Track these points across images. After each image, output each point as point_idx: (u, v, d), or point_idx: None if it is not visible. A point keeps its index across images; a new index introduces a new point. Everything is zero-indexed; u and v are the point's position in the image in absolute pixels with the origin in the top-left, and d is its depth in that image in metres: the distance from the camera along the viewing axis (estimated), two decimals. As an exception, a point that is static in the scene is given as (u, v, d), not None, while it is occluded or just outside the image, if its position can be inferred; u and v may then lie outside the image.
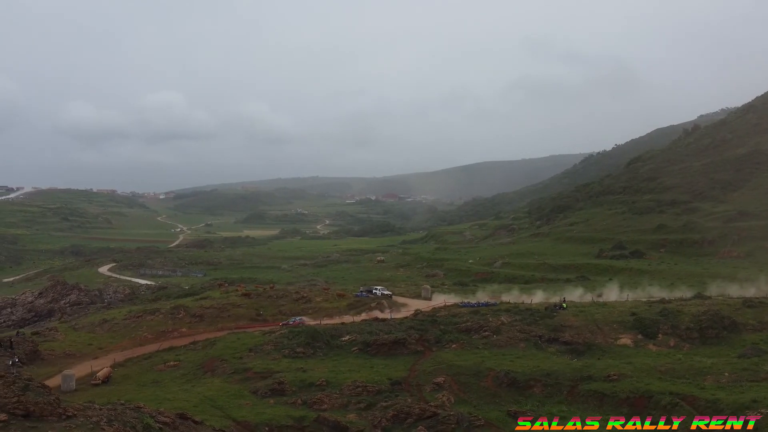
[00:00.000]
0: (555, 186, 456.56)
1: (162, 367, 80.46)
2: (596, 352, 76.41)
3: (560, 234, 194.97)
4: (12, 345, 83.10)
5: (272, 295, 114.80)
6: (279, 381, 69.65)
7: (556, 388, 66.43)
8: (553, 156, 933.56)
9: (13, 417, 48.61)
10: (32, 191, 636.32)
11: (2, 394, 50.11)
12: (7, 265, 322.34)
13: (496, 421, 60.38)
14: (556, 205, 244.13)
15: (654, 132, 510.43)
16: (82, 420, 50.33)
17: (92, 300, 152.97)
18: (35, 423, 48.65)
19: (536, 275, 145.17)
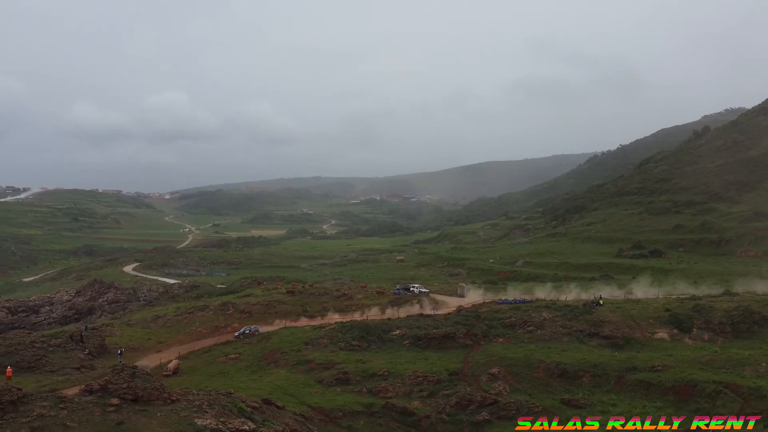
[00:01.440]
0: (561, 186, 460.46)
1: (224, 360, 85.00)
2: (635, 346, 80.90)
3: (578, 234, 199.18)
4: (83, 339, 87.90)
5: (314, 293, 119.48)
6: (343, 371, 74.36)
7: (603, 379, 71.14)
8: (555, 156, 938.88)
9: (123, 401, 53.48)
10: (41, 192, 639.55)
11: (113, 380, 54.99)
12: (24, 265, 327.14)
13: (551, 408, 65.10)
14: (570, 206, 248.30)
15: (659, 132, 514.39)
16: (185, 404, 55.19)
17: (128, 298, 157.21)
18: (144, 406, 53.52)
19: (559, 274, 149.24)
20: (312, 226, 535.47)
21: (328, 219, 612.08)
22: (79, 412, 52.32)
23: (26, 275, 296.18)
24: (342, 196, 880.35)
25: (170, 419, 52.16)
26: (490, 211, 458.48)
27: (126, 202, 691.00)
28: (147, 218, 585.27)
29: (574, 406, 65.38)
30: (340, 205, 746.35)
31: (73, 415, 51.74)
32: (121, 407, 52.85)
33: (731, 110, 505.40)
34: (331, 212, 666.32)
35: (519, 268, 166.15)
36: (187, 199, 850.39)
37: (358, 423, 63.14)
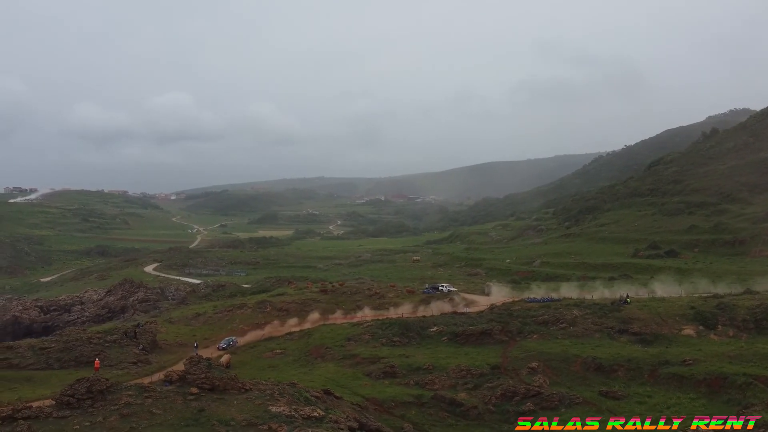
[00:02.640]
0: (567, 186, 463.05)
1: (270, 355, 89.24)
2: (663, 342, 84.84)
3: (592, 234, 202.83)
4: (136, 335, 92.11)
5: (346, 292, 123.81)
6: (390, 365, 78.58)
7: (637, 372, 75.17)
8: (559, 156, 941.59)
9: (202, 390, 57.73)
10: (49, 192, 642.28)
11: (192, 371, 59.31)
12: (39, 266, 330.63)
13: (590, 399, 69.17)
14: (583, 207, 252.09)
15: (664, 133, 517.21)
16: (258, 393, 59.55)
17: (157, 297, 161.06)
18: (221, 395, 57.87)
19: (577, 274, 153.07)
20: (318, 227, 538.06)
21: (334, 219, 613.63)
22: (162, 400, 56.65)
23: (42, 275, 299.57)
24: (347, 197, 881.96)
25: (247, 407, 56.36)
26: (497, 212, 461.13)
27: (133, 202, 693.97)
28: (155, 219, 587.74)
29: (612, 398, 69.29)
30: (345, 206, 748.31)
31: (157, 403, 56.05)
32: (200, 396, 57.19)
33: (736, 111, 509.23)
34: (336, 213, 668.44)
35: (537, 268, 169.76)
36: (193, 200, 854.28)
37: (410, 412, 67.11)
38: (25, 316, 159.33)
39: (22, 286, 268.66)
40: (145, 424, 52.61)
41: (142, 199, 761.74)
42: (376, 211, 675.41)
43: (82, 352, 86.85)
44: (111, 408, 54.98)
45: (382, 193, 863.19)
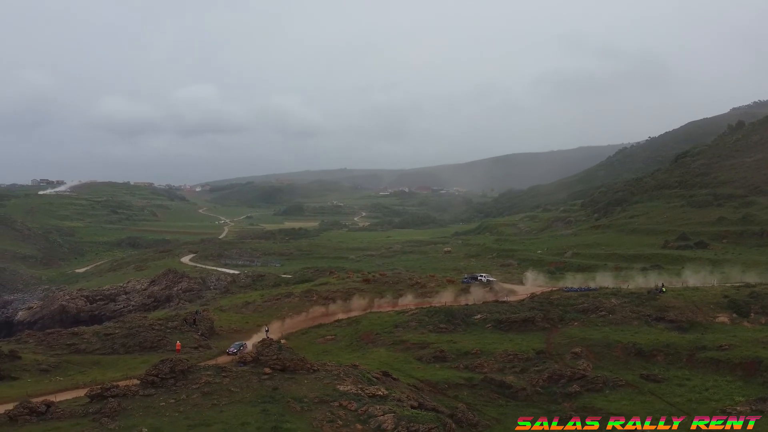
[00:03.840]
0: (592, 178, 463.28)
1: (322, 341, 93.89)
2: (699, 329, 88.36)
3: (622, 226, 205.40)
4: (195, 322, 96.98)
5: (388, 281, 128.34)
6: (440, 350, 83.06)
7: (676, 357, 79.08)
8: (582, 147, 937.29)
9: (274, 371, 62.29)
10: (78, 184, 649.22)
11: (264, 353, 63.98)
12: (72, 257, 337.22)
13: (632, 381, 73.13)
14: (611, 199, 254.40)
15: (689, 125, 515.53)
16: (325, 373, 64.17)
17: (200, 287, 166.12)
18: (292, 375, 62.55)
19: (609, 264, 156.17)
20: (344, 218, 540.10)
21: (359, 211, 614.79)
22: (239, 379, 61.42)
23: (76, 266, 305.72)
24: (371, 188, 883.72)
25: (316, 386, 60.94)
26: (522, 203, 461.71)
27: (160, 194, 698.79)
28: (182, 210, 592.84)
29: (653, 381, 73.25)
30: (369, 197, 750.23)
31: (234, 382, 60.83)
32: (273, 375, 61.94)
33: (760, 103, 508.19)
34: (361, 204, 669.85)
35: (569, 259, 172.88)
36: (219, 192, 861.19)
37: (462, 393, 71.38)
38: (72, 305, 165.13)
39: (58, 276, 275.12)
40: (225, 401, 57.35)
41: (169, 191, 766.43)
42: (400, 203, 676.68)
43: (146, 337, 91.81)
44: (192, 386, 59.81)
45: (406, 185, 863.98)
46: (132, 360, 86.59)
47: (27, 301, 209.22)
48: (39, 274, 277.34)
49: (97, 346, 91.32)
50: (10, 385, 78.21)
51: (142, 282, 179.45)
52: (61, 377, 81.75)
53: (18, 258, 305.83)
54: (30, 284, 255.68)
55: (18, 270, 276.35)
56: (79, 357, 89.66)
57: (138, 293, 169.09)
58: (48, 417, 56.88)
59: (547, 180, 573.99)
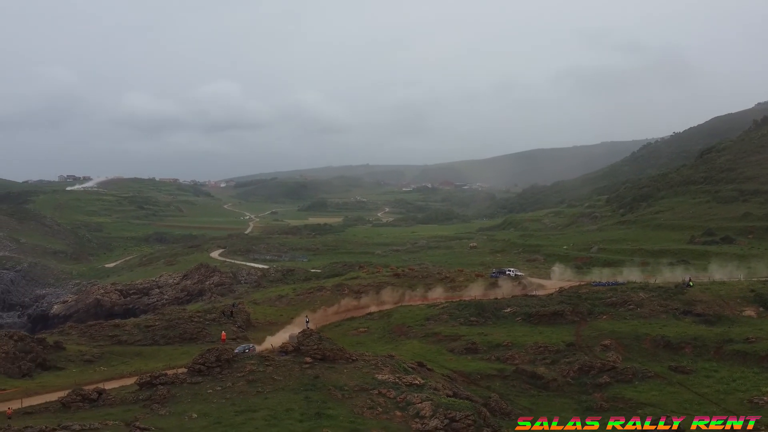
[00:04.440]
0: (616, 174, 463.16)
1: (355, 333, 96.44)
2: (726, 322, 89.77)
3: (648, 222, 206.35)
4: (233, 314, 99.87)
5: (418, 275, 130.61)
6: (471, 342, 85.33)
7: (703, 349, 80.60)
8: (605, 143, 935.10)
9: (314, 360, 64.82)
10: (104, 180, 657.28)
11: (305, 343, 66.54)
12: (101, 252, 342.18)
13: (661, 373, 74.85)
14: (637, 194, 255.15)
15: (713, 120, 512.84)
16: (363, 363, 66.58)
17: (231, 281, 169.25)
18: (331, 364, 65.02)
19: (635, 259, 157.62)
20: (367, 214, 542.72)
21: (382, 207, 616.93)
22: (281, 368, 64.02)
23: (105, 261, 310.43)
24: (393, 184, 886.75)
25: (355, 374, 63.37)
26: (545, 199, 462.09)
27: (185, 190, 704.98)
28: (207, 206, 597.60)
29: (681, 372, 74.84)
30: (392, 193, 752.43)
31: (278, 370, 63.43)
32: (314, 365, 64.51)
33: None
34: (384, 200, 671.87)
35: (595, 254, 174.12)
36: (243, 188, 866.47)
37: (494, 384, 73.45)
38: (107, 299, 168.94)
39: (88, 271, 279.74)
40: (269, 389, 59.94)
41: (194, 187, 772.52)
42: (423, 199, 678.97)
43: (186, 329, 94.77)
44: (237, 375, 62.53)
45: (429, 181, 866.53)
46: (173, 351, 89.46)
47: (60, 296, 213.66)
48: (69, 269, 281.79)
49: (138, 338, 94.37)
50: (56, 374, 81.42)
51: (174, 276, 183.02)
52: (105, 367, 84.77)
53: (48, 253, 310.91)
54: (61, 279, 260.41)
55: (49, 265, 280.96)
56: (121, 348, 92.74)
57: (171, 287, 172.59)
58: (100, 404, 59.78)
59: (571, 176, 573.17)
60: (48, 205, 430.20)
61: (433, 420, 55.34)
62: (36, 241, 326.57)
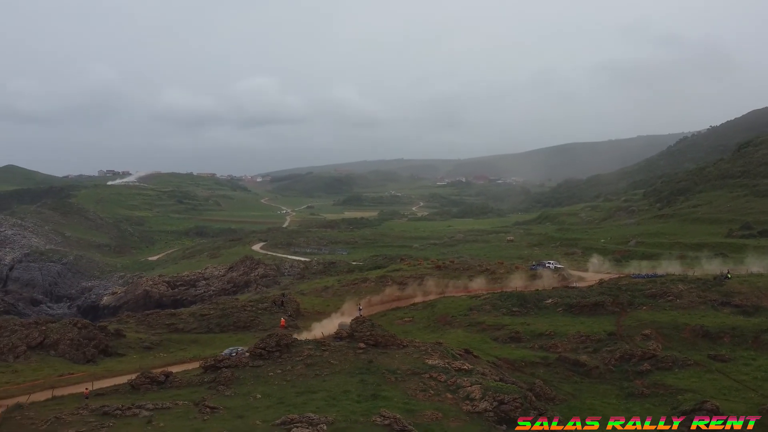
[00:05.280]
0: (653, 168, 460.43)
1: (400, 322, 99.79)
2: (763, 313, 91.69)
3: (685, 215, 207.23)
4: (283, 304, 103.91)
5: (459, 267, 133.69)
6: (515, 331, 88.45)
7: (742, 339, 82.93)
8: (641, 136, 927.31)
9: (368, 345, 68.26)
10: (144, 175, 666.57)
11: (359, 329, 70.03)
12: (143, 245, 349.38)
13: (700, 361, 77.32)
14: (674, 188, 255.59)
15: (750, 114, 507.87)
16: (413, 348, 70.04)
17: (275, 273, 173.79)
18: (384, 350, 68.53)
19: (673, 253, 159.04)
20: (402, 208, 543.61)
21: (417, 201, 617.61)
22: (337, 352, 67.68)
23: (148, 254, 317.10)
24: (428, 179, 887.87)
25: (407, 359, 66.83)
26: (581, 193, 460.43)
27: (223, 184, 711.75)
28: (244, 200, 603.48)
29: (720, 360, 77.24)
30: (426, 187, 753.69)
31: (333, 355, 67.11)
32: (367, 350, 68.10)
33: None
34: (418, 194, 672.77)
35: (633, 247, 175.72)
36: (279, 182, 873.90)
37: (538, 371, 76.38)
38: (155, 290, 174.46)
39: (132, 264, 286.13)
40: (326, 372, 63.63)
41: (231, 181, 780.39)
42: (458, 193, 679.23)
43: (239, 318, 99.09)
44: (296, 359, 66.29)
45: (463, 175, 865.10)
46: (228, 338, 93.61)
47: (107, 287, 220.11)
48: (113, 262, 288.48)
49: (194, 326, 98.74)
50: (118, 360, 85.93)
51: (220, 268, 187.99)
52: (164, 353, 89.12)
53: (92, 246, 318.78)
54: (106, 271, 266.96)
55: (93, 258, 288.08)
56: (178, 336, 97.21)
57: (217, 279, 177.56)
58: (167, 386, 63.87)
59: (607, 169, 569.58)
60: (90, 199, 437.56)
61: (482, 402, 58.58)
62: (80, 235, 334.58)
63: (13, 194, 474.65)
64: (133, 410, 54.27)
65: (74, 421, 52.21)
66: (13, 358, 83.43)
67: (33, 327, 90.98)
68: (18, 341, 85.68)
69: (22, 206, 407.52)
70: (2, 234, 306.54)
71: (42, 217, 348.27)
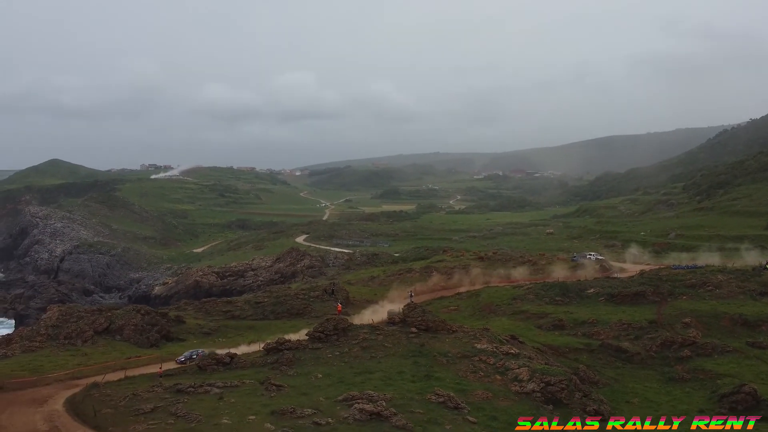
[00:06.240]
0: (693, 161, 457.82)
1: (446, 311, 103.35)
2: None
3: (725, 208, 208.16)
4: (333, 292, 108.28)
5: (500, 259, 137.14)
6: (558, 319, 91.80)
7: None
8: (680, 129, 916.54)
9: (419, 330, 72.06)
10: (186, 169, 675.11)
11: (411, 315, 73.73)
12: (187, 238, 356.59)
13: (739, 348, 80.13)
14: (714, 182, 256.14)
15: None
16: (462, 333, 73.71)
17: (321, 264, 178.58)
18: (434, 334, 72.33)
19: (712, 245, 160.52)
20: (439, 201, 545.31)
21: (454, 194, 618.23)
22: (390, 336, 71.68)
23: (193, 247, 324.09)
24: (465, 172, 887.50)
25: (457, 343, 70.59)
26: (620, 186, 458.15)
27: (263, 178, 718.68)
28: (284, 194, 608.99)
29: (758, 347, 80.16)
30: (463, 181, 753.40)
31: (387, 339, 71.10)
32: (419, 334, 72.05)
33: None
34: (455, 188, 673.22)
35: (672, 240, 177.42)
36: (317, 176, 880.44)
37: (582, 357, 79.74)
38: (205, 280, 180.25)
39: (178, 256, 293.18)
40: (381, 354, 67.72)
41: (270, 175, 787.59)
42: (495, 186, 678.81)
43: (292, 305, 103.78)
44: (352, 342, 70.46)
45: (499, 168, 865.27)
46: (282, 324, 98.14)
47: (156, 278, 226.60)
48: (159, 254, 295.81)
49: (249, 313, 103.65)
50: (180, 345, 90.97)
51: (266, 260, 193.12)
52: (223, 339, 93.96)
53: (139, 239, 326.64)
54: (152, 263, 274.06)
55: (140, 250, 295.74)
56: (235, 322, 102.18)
57: (264, 270, 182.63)
58: (233, 366, 68.51)
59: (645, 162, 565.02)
60: (134, 192, 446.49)
61: (530, 383, 62.35)
62: (126, 227, 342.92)
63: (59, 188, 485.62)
64: (205, 387, 58.94)
65: (151, 398, 56.97)
66: (81, 342, 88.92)
67: (98, 313, 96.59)
68: (85, 327, 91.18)
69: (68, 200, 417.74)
70: (52, 227, 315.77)
71: (89, 210, 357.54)
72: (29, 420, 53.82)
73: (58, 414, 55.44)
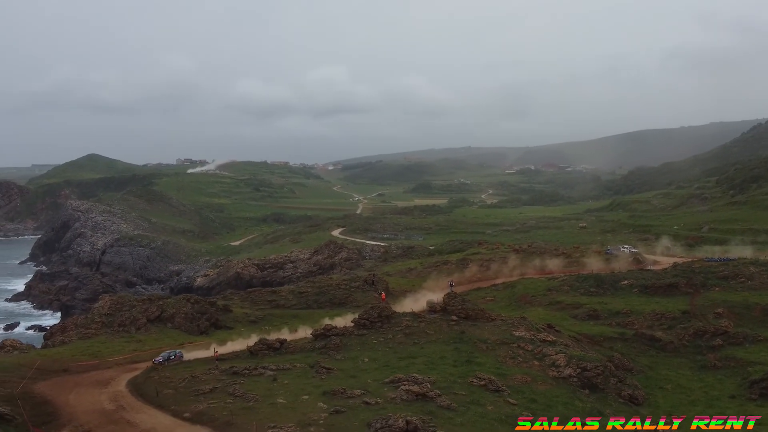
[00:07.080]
0: (727, 155, 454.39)
1: (482, 301, 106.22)
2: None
3: (759, 202, 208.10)
4: (374, 283, 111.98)
5: (535, 251, 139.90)
6: (593, 309, 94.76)
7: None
8: (714, 123, 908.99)
9: (459, 318, 75.28)
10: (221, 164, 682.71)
11: (451, 304, 76.99)
12: (224, 231, 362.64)
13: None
14: (747, 176, 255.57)
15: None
16: (501, 322, 76.89)
17: (358, 257, 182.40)
18: (474, 322, 75.55)
19: (745, 239, 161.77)
20: (471, 196, 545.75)
21: (485, 189, 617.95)
22: (432, 324, 75.19)
23: (230, 240, 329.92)
24: (496, 166, 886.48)
25: (495, 331, 73.86)
26: (653, 180, 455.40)
27: (296, 173, 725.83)
28: (317, 188, 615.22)
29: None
30: (495, 175, 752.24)
31: (429, 326, 74.61)
32: (459, 322, 75.38)
33: None
34: (487, 182, 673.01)
35: (705, 233, 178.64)
36: (350, 170, 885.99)
37: (616, 345, 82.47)
38: (246, 272, 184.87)
39: (215, 249, 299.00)
40: (423, 341, 71.27)
41: (304, 170, 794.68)
42: (527, 180, 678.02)
43: (335, 295, 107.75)
44: (396, 329, 74.07)
45: (531, 163, 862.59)
46: (325, 313, 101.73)
47: (197, 270, 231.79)
48: (198, 247, 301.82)
49: (293, 302, 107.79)
50: (228, 332, 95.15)
51: (305, 252, 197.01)
52: (269, 327, 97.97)
53: (177, 232, 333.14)
54: (192, 256, 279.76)
55: (179, 243, 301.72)
56: (280, 311, 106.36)
57: (303, 262, 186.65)
58: (283, 351, 72.35)
59: (679, 156, 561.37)
60: (171, 187, 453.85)
61: (567, 369, 65.45)
62: (165, 221, 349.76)
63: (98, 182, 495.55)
64: (259, 370, 63.10)
65: (209, 379, 61.16)
66: (135, 329, 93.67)
67: (150, 303, 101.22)
68: (138, 315, 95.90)
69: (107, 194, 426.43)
70: (93, 220, 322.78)
71: (128, 204, 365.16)
72: (96, 400, 58.16)
73: (122, 394, 59.90)
